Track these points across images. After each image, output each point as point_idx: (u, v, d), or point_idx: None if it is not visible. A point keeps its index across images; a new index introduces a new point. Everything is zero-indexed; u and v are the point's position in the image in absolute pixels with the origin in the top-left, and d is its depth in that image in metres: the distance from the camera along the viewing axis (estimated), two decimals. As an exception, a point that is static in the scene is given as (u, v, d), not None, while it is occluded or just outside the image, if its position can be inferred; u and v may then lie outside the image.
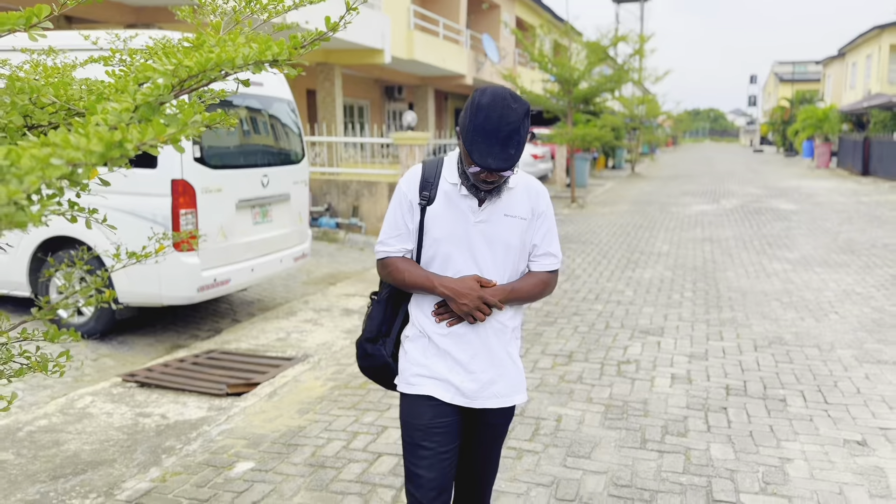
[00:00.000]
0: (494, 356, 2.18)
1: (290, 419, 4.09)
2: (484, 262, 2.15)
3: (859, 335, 5.75)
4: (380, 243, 2.23)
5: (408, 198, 2.17)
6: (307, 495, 3.23)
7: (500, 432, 2.32)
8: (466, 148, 1.97)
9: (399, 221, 2.19)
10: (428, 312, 2.18)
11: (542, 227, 2.21)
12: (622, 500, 3.18)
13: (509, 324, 2.21)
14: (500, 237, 2.14)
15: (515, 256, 2.18)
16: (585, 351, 5.36)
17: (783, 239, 10.86)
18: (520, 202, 2.16)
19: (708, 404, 4.33)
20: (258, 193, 5.88)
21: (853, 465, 3.54)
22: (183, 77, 1.47)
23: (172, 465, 3.55)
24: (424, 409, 2.15)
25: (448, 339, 2.16)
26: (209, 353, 5.29)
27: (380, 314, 2.29)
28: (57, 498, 3.24)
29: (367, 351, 2.30)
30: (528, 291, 2.20)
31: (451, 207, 2.14)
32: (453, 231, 2.14)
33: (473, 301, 2.09)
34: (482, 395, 2.16)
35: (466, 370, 2.15)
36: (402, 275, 2.17)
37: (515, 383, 2.23)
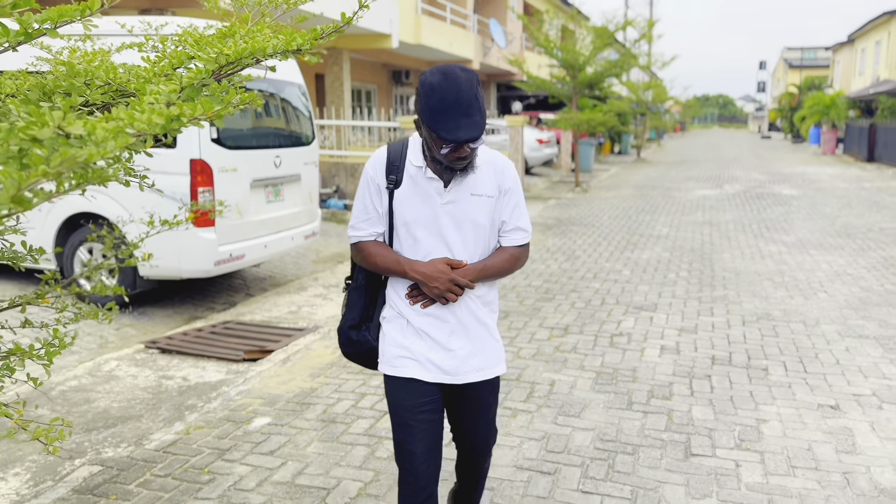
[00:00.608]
0: (471, 331, 2.22)
1: (303, 382, 4.40)
2: (454, 243, 2.17)
3: (845, 312, 6.01)
4: (351, 227, 2.25)
5: (375, 181, 2.18)
6: (319, 445, 3.54)
7: (487, 403, 2.35)
8: (432, 129, 1.96)
9: (368, 205, 2.21)
10: (402, 294, 2.21)
11: (510, 202, 2.22)
12: (606, 453, 3.48)
13: (484, 298, 2.25)
14: (468, 217, 2.15)
15: (485, 234, 2.20)
16: (581, 324, 5.64)
17: (781, 223, 11.09)
18: (485, 180, 2.17)
19: (693, 372, 4.61)
20: (271, 173, 6.17)
21: (824, 426, 3.83)
22: (222, 63, 1.75)
23: (195, 420, 3.86)
24: (409, 390, 2.20)
25: (424, 318, 2.19)
26: (225, 323, 5.60)
27: (360, 300, 2.32)
28: (92, 447, 3.56)
29: (352, 338, 2.32)
30: (500, 267, 2.23)
31: (417, 190, 2.15)
32: (421, 213, 2.15)
33: (444, 284, 2.11)
34: (463, 369, 2.21)
35: (445, 348, 2.19)
36: (375, 259, 2.20)
37: (494, 355, 2.28)
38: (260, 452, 3.47)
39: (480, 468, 2.52)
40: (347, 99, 15.37)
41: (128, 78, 2.19)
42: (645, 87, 27.88)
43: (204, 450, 3.50)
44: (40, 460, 3.43)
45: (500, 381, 2.43)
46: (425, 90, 1.97)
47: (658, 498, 3.07)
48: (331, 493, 3.09)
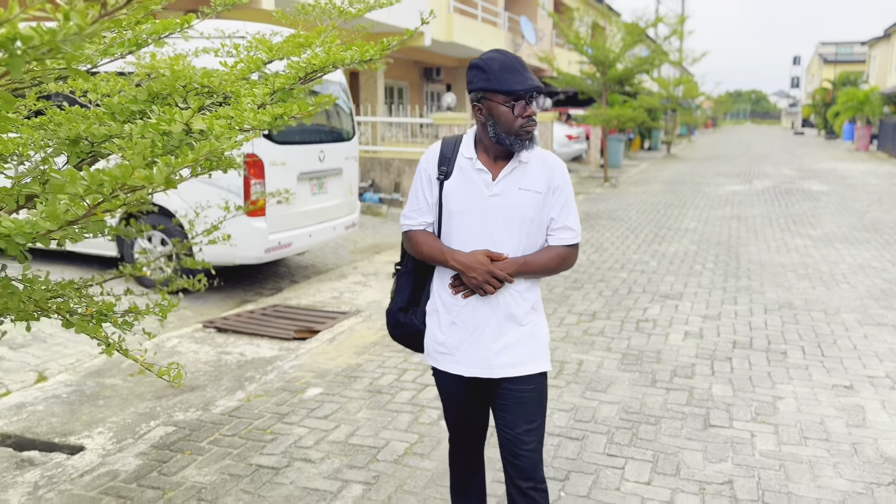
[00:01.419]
0: (506, 327, 2.22)
1: (349, 358, 4.77)
2: (498, 236, 2.18)
3: (865, 302, 6.22)
4: (403, 216, 2.34)
5: (427, 173, 2.26)
6: (368, 412, 3.90)
7: (526, 399, 2.25)
8: (502, 88, 2.06)
9: (419, 196, 2.28)
10: (446, 285, 2.27)
11: (559, 200, 2.22)
12: (630, 423, 3.79)
13: (525, 295, 2.24)
14: (514, 210, 2.17)
15: (530, 229, 2.20)
16: (608, 311, 5.94)
17: (809, 217, 11.22)
18: (534, 176, 2.19)
19: (715, 355, 4.89)
20: (316, 167, 6.55)
21: (837, 403, 4.09)
22: (309, 71, 2.10)
23: (254, 389, 4.25)
24: (448, 381, 2.32)
25: (464, 310, 2.23)
26: (274, 307, 6.00)
27: (409, 285, 2.39)
28: (164, 412, 3.97)
29: (400, 320, 2.39)
30: (542, 264, 2.22)
31: (466, 181, 2.20)
32: (468, 204, 2.19)
33: (482, 275, 2.14)
34: (495, 363, 2.22)
35: (478, 341, 2.22)
36: (421, 248, 2.26)
37: (533, 353, 2.25)
38: (315, 417, 3.84)
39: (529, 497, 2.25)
40: (381, 96, 15.75)
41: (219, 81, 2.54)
42: (676, 82, 27.86)
43: (265, 414, 3.88)
44: (119, 422, 3.84)
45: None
46: (484, 64, 2.10)
47: (678, 462, 3.37)
48: (381, 451, 3.45)
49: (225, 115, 2.01)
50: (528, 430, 2.25)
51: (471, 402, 2.36)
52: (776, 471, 3.29)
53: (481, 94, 2.13)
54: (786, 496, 3.07)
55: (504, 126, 2.11)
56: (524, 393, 2.25)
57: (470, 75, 2.16)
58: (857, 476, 3.25)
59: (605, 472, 3.27)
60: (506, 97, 2.08)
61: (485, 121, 2.16)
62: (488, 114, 2.13)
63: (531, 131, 2.14)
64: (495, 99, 2.10)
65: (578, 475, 3.24)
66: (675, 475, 3.24)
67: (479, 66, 2.12)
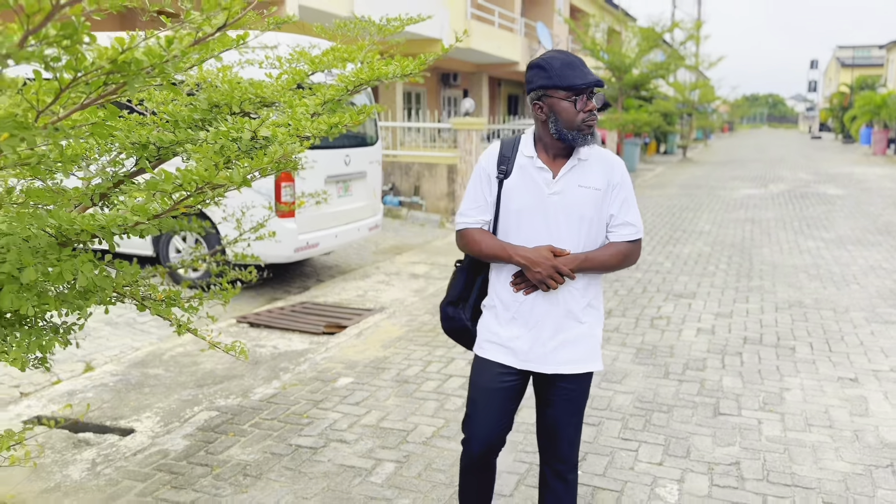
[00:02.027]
0: (565, 324, 2.26)
1: (377, 351, 5.03)
2: (558, 232, 2.21)
3: (874, 301, 6.40)
4: (460, 215, 2.35)
5: (486, 172, 2.29)
6: (396, 399, 4.16)
7: (573, 397, 2.34)
8: (565, 84, 2.10)
9: (478, 194, 2.30)
10: (505, 282, 2.29)
11: (619, 196, 2.24)
12: (644, 411, 4.02)
13: (584, 292, 2.28)
14: (575, 208, 2.20)
15: (590, 227, 2.23)
16: (623, 309, 6.16)
17: (823, 220, 11.36)
18: (594, 173, 2.22)
19: (726, 350, 5.10)
20: (342, 171, 6.84)
21: (842, 394, 4.29)
22: (356, 84, 2.37)
23: (289, 379, 4.52)
24: (490, 371, 2.33)
25: (523, 306, 2.26)
26: (303, 304, 6.28)
27: (461, 281, 2.45)
28: (206, 398, 4.25)
29: (449, 314, 2.45)
30: (604, 260, 2.23)
31: (526, 180, 2.23)
32: (529, 202, 2.22)
33: (546, 269, 2.16)
34: (550, 359, 2.27)
35: (536, 337, 2.26)
36: (480, 245, 2.27)
37: (588, 352, 2.29)
38: (347, 403, 4.11)
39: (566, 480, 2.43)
40: (399, 101, 16.05)
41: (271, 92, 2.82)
42: (692, 87, 27.98)
43: (300, 401, 4.16)
44: (165, 407, 4.12)
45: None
46: (545, 63, 2.14)
47: (688, 445, 3.60)
48: (410, 434, 3.71)
49: (284, 123, 2.29)
50: (570, 422, 2.38)
51: (510, 393, 2.34)
52: (781, 454, 3.51)
53: (542, 91, 2.16)
54: (789, 476, 3.29)
55: (566, 121, 2.15)
56: (573, 390, 2.33)
57: (530, 75, 2.20)
58: (857, 459, 3.46)
59: (620, 453, 3.51)
60: (567, 93, 2.12)
61: (546, 118, 2.19)
62: (549, 110, 2.16)
63: (593, 125, 2.17)
64: (556, 95, 2.14)
65: (595, 456, 3.48)
66: (685, 457, 3.47)
67: (539, 65, 2.16)
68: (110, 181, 2.41)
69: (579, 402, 2.37)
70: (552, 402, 2.36)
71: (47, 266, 1.80)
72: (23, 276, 1.70)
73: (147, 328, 5.74)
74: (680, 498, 3.10)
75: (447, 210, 11.50)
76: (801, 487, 3.19)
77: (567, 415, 2.37)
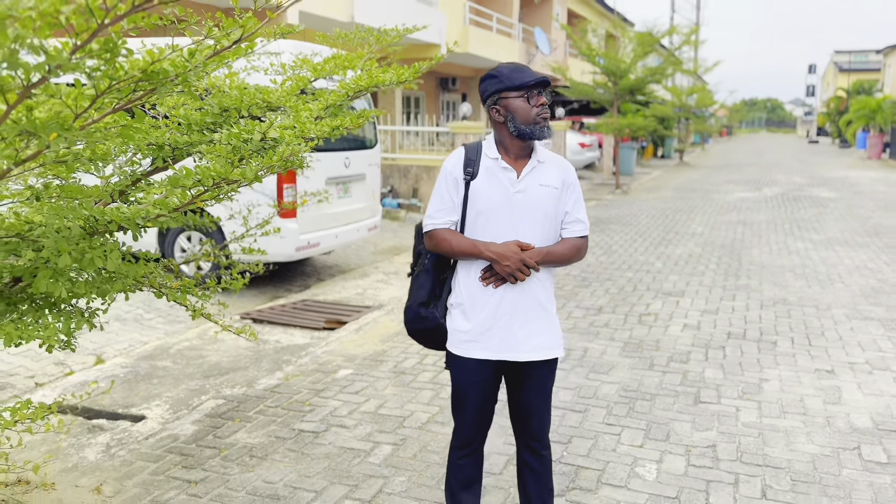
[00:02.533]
0: (532, 314, 2.44)
1: (375, 345, 5.25)
2: (522, 228, 2.39)
3: (856, 299, 6.62)
4: (428, 217, 2.48)
5: (453, 175, 2.43)
6: (393, 389, 4.38)
7: (545, 382, 2.54)
8: (514, 85, 2.33)
9: (445, 196, 2.44)
10: (475, 277, 2.43)
11: (572, 196, 2.47)
12: (628, 399, 4.24)
13: (546, 284, 2.48)
14: (537, 204, 2.39)
15: (550, 223, 2.43)
16: (613, 306, 6.39)
17: (813, 223, 11.59)
18: (552, 173, 2.45)
19: (710, 344, 5.32)
20: (342, 173, 7.06)
21: (817, 384, 4.51)
22: (356, 90, 2.59)
23: (291, 370, 4.74)
24: (467, 367, 2.49)
25: (492, 299, 2.42)
26: (303, 301, 6.50)
27: (428, 281, 2.55)
28: (213, 388, 4.46)
29: (421, 314, 2.53)
30: (563, 254, 2.44)
31: (492, 180, 2.40)
32: (495, 201, 2.39)
33: (515, 263, 2.33)
34: (523, 348, 2.43)
35: (508, 327, 2.41)
36: (450, 243, 2.41)
37: (554, 338, 2.49)
38: (347, 392, 4.33)
39: (546, 465, 2.64)
40: (398, 105, 16.29)
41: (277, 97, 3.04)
42: (689, 91, 28.22)
43: (302, 390, 4.37)
44: (173, 396, 4.34)
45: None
46: (495, 72, 2.39)
47: (668, 430, 3.82)
48: (406, 420, 3.93)
49: (290, 126, 2.51)
50: (542, 404, 2.57)
51: (487, 385, 2.52)
52: (755, 438, 3.72)
53: (497, 95, 2.37)
54: (761, 457, 3.50)
55: (522, 118, 2.35)
56: (543, 375, 2.52)
57: (483, 86, 2.41)
58: (826, 443, 3.68)
59: (604, 437, 3.73)
60: (519, 91, 2.34)
61: (504, 119, 2.38)
62: (506, 111, 2.37)
63: (547, 118, 2.39)
64: (510, 95, 2.35)
65: (580, 439, 3.69)
66: (665, 440, 3.69)
67: (491, 75, 2.41)
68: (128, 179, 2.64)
69: (548, 386, 2.57)
70: (524, 387, 2.54)
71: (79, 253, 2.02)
72: (59, 261, 1.92)
73: (154, 324, 5.95)
74: (658, 476, 3.32)
75: (445, 212, 11.71)
76: (771, 467, 3.41)
77: (539, 398, 2.56)
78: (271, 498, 3.12)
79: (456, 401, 2.59)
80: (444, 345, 2.57)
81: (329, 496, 3.13)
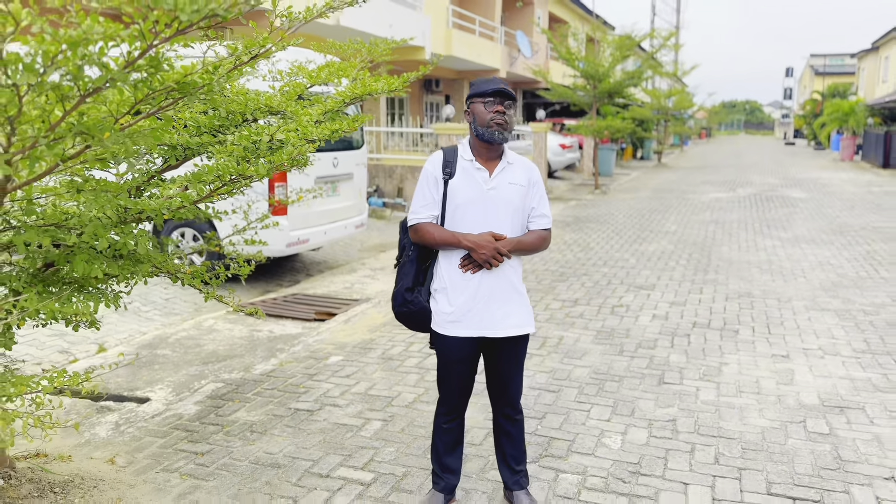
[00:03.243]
0: (507, 296, 2.79)
1: (364, 334, 5.57)
2: (495, 220, 2.74)
3: (816, 292, 7.04)
4: (412, 213, 2.82)
5: (433, 175, 2.79)
6: (382, 373, 4.70)
7: (519, 354, 2.90)
8: (480, 92, 2.72)
9: (427, 194, 2.79)
10: (455, 264, 2.77)
11: (537, 193, 2.85)
12: (598, 381, 4.60)
13: (517, 269, 2.85)
14: (507, 200, 2.76)
15: (518, 216, 2.80)
16: (588, 299, 6.76)
17: (783, 222, 12.06)
18: (519, 173, 2.82)
19: (676, 332, 5.70)
20: (331, 172, 7.37)
21: (773, 367, 4.90)
22: (351, 97, 2.92)
23: (285, 357, 5.05)
24: (454, 345, 2.81)
25: (471, 283, 2.75)
26: (294, 295, 6.80)
27: (413, 270, 2.88)
28: (211, 373, 4.76)
29: (408, 298, 2.86)
30: (530, 243, 2.81)
31: (468, 178, 2.76)
32: (471, 196, 2.74)
33: (490, 251, 2.68)
34: (500, 325, 2.78)
35: (486, 308, 2.76)
36: (433, 235, 2.75)
37: (527, 317, 2.85)
38: (338, 376, 4.65)
39: (518, 426, 3.02)
40: (383, 107, 16.60)
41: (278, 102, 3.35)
42: (667, 94, 28.78)
43: (297, 374, 4.69)
44: (175, 380, 4.63)
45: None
46: (474, 82, 2.81)
47: (633, 407, 4.18)
48: (394, 399, 4.25)
49: (293, 129, 2.83)
50: (516, 375, 2.94)
51: (470, 359, 2.86)
52: (712, 413, 4.10)
53: (469, 101, 2.79)
54: (716, 430, 3.87)
55: (480, 121, 2.73)
56: (518, 348, 2.88)
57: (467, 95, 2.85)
58: (776, 417, 4.06)
59: (574, 413, 4.08)
60: (480, 98, 2.74)
61: (470, 121, 2.79)
62: (472, 114, 2.78)
63: (501, 123, 2.72)
64: (475, 101, 2.76)
65: (553, 415, 4.04)
66: (630, 416, 4.05)
67: (471, 83, 2.83)
68: (144, 176, 2.95)
69: (521, 357, 2.93)
70: (501, 359, 2.90)
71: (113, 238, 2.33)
72: (99, 244, 2.23)
73: (151, 316, 6.23)
74: (622, 445, 3.68)
75: (428, 211, 12.05)
76: (725, 438, 3.78)
77: (514, 368, 2.92)
78: (272, 466, 3.44)
79: (442, 374, 2.93)
80: (427, 327, 2.91)
81: (325, 464, 3.45)
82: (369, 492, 3.21)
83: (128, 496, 3.15)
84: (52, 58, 1.65)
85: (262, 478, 3.33)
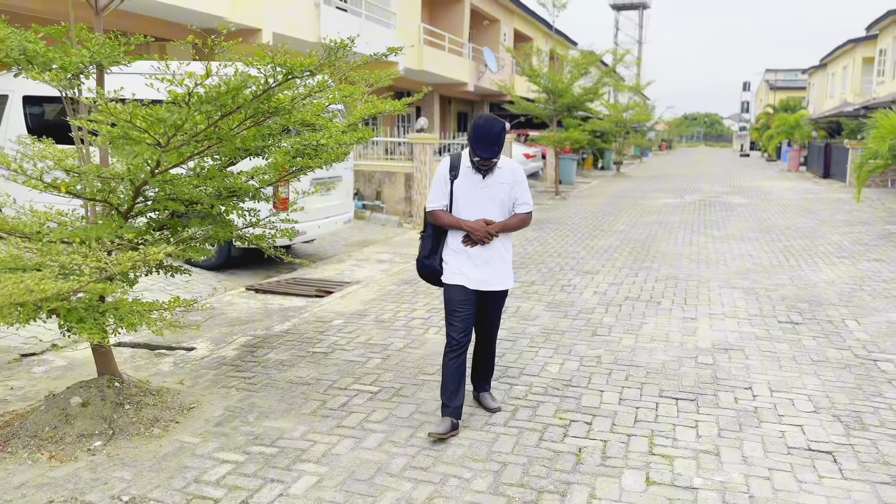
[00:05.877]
0: (497, 262, 3.92)
1: (358, 306, 6.84)
2: (486, 210, 3.86)
3: (731, 276, 8.48)
4: (429, 202, 3.93)
5: (443, 175, 3.88)
6: (376, 330, 5.97)
7: (501, 301, 4.09)
8: (473, 148, 3.68)
9: (438, 190, 3.89)
10: (458, 241, 3.89)
11: (520, 187, 3.92)
12: (546, 334, 5.93)
13: (506, 244, 4.00)
14: (496, 196, 3.86)
15: (505, 206, 3.90)
16: (543, 280, 8.10)
17: (719, 223, 13.59)
18: (505, 175, 3.88)
19: (611, 303, 7.06)
20: (324, 174, 8.62)
21: (681, 326, 6.28)
22: (367, 116, 4.20)
23: (296, 321, 6.29)
24: (457, 292, 3.87)
25: (473, 252, 3.88)
26: (294, 278, 8.03)
27: (430, 242, 3.98)
28: (240, 332, 5.98)
29: (426, 263, 3.98)
30: (514, 225, 3.94)
31: (467, 180, 3.85)
32: (469, 193, 3.84)
33: (483, 232, 3.81)
34: (492, 282, 3.91)
35: (482, 270, 3.88)
36: (443, 220, 3.88)
37: (509, 276, 4.01)
38: (342, 332, 5.91)
39: (492, 349, 4.27)
40: (360, 118, 17.84)
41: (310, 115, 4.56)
42: (625, 108, 30.50)
43: (309, 332, 5.93)
44: (212, 336, 5.84)
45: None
46: (474, 126, 3.68)
47: (570, 349, 5.51)
48: (388, 346, 5.53)
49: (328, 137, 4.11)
50: (497, 315, 4.19)
51: (469, 303, 3.91)
52: (629, 353, 5.45)
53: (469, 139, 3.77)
54: (629, 361, 5.22)
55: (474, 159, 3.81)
56: (501, 299, 4.10)
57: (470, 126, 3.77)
58: (675, 355, 5.42)
59: (526, 353, 5.40)
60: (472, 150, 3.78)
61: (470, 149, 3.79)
62: (470, 150, 3.81)
63: (484, 167, 3.80)
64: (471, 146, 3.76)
65: (510, 354, 5.36)
66: (567, 354, 5.38)
67: (473, 124, 3.70)
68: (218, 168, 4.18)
69: (502, 304, 4.17)
70: (489, 305, 4.09)
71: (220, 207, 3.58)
72: (214, 210, 3.48)
73: (175, 293, 7.40)
74: (559, 371, 5.00)
75: (405, 212, 13.34)
76: (634, 366, 5.12)
77: (497, 311, 4.18)
78: (303, 384, 4.69)
79: (448, 315, 3.95)
80: (440, 283, 4.05)
81: (342, 382, 4.72)
82: (378, 397, 4.48)
83: (203, 399, 4.38)
84: (215, 96, 2.91)
85: (296, 390, 4.58)
